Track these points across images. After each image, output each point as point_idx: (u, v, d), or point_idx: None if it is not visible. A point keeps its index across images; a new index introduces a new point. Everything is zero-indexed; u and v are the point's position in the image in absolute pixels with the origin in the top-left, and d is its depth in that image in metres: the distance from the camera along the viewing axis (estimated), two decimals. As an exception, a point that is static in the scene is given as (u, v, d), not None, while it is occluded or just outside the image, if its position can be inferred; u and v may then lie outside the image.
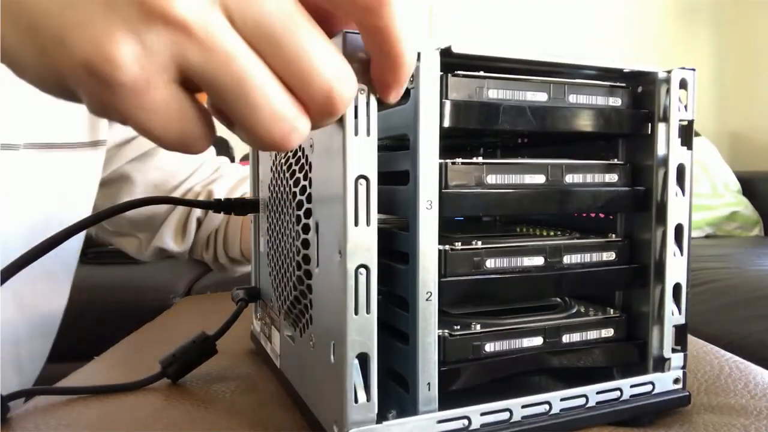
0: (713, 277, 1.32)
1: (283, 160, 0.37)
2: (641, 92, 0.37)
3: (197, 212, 0.70)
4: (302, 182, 0.34)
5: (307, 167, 0.33)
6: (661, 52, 2.51)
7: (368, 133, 0.28)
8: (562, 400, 0.33)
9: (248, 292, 0.47)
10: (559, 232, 0.40)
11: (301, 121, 0.22)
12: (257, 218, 0.50)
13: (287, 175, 0.36)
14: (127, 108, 0.21)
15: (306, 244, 0.33)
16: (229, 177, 0.73)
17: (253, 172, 0.50)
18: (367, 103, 0.27)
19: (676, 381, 0.37)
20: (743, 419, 0.35)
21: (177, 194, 0.70)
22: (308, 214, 0.33)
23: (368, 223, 0.28)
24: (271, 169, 0.42)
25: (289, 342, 0.39)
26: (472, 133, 0.38)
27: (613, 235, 0.38)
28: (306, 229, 0.33)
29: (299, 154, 0.35)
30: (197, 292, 1.53)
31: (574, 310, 0.39)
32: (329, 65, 0.22)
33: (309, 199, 0.33)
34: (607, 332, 0.37)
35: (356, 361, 0.28)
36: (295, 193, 0.35)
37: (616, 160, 0.38)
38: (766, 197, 2.13)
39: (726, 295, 1.22)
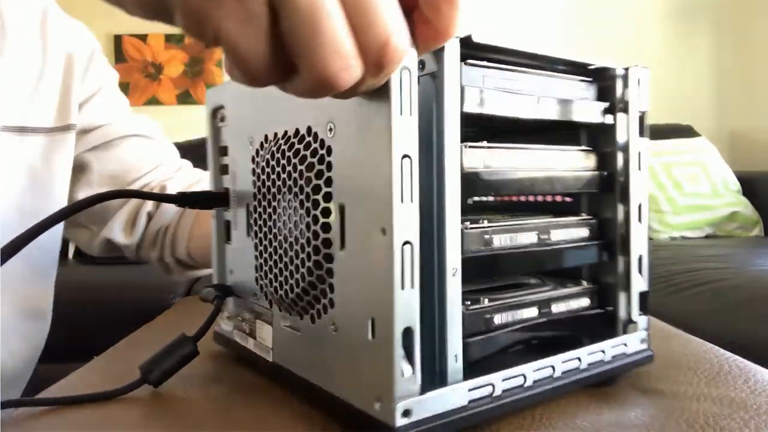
0: (713, 277, 1.30)
1: (285, 147, 0.37)
2: (602, 86, 0.42)
3: (148, 206, 0.68)
4: (318, 167, 0.34)
5: (323, 151, 0.33)
6: (661, 52, 2.46)
7: (411, 113, 0.29)
8: (563, 362, 0.36)
9: (220, 289, 0.45)
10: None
11: (355, 63, 0.23)
12: (221, 213, 0.48)
13: (294, 161, 0.36)
14: (220, 15, 0.21)
15: (326, 228, 0.33)
16: (187, 177, 0.72)
17: (215, 165, 0.48)
18: (410, 84, 0.28)
19: (642, 341, 0.41)
20: (743, 413, 0.35)
21: (134, 188, 0.67)
22: (328, 198, 0.33)
23: (412, 199, 0.29)
24: (254, 159, 0.41)
25: (289, 332, 0.38)
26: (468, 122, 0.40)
27: (584, 215, 0.42)
28: (326, 213, 0.33)
29: (309, 139, 0.35)
30: (197, 292, 1.47)
31: (552, 285, 0.42)
32: (392, 18, 0.23)
33: (328, 183, 0.33)
34: (585, 302, 0.41)
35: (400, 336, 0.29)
36: (309, 178, 0.34)
37: (583, 147, 0.42)
38: (766, 197, 2.09)
39: (726, 295, 1.21)
